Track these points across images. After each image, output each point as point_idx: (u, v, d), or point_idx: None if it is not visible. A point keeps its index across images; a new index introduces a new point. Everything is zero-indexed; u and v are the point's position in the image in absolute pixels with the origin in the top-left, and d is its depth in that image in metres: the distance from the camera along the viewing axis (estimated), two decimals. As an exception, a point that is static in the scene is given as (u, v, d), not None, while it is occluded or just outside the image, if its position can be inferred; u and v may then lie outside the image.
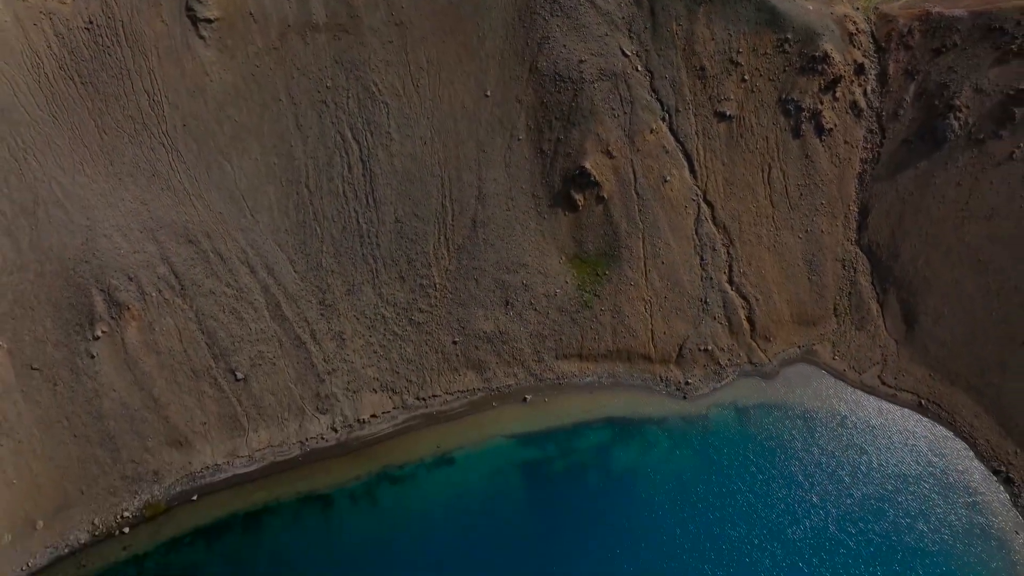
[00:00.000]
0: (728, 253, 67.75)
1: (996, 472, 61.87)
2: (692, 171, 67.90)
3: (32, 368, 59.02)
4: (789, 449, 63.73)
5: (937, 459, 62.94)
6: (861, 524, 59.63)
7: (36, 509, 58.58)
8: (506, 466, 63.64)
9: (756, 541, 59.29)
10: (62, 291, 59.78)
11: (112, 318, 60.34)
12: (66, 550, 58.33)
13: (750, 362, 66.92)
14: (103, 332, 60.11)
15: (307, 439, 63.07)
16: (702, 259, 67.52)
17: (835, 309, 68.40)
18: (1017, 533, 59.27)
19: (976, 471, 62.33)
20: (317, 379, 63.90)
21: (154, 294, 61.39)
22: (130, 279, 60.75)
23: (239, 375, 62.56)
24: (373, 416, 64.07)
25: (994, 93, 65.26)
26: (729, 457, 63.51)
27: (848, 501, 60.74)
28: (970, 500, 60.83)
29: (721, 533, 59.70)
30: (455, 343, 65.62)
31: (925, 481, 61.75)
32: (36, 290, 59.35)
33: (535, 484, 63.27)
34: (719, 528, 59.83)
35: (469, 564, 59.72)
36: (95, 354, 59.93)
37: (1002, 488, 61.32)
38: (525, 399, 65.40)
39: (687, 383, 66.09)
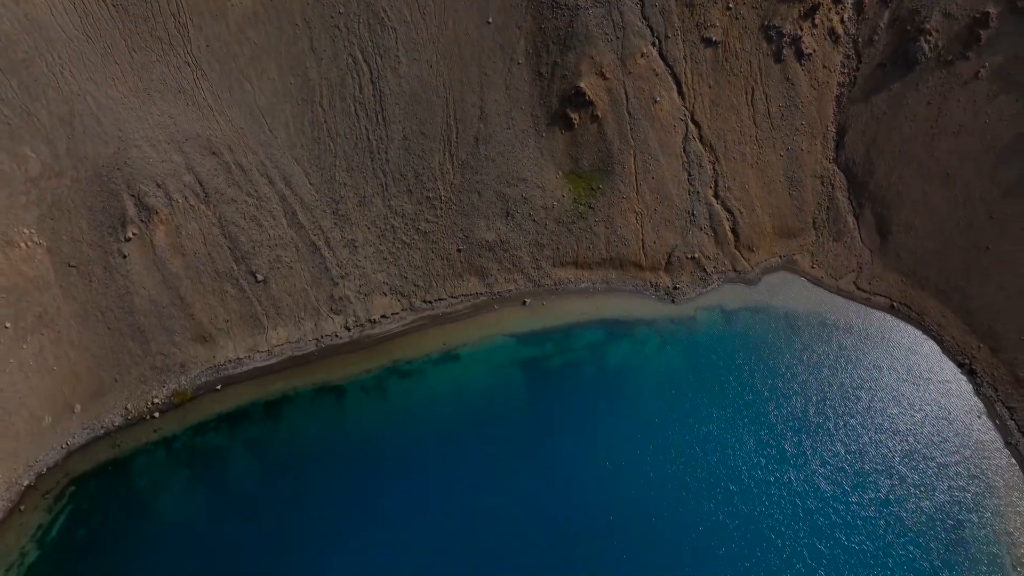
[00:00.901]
0: (714, 169, 72.46)
1: (961, 365, 66.63)
2: (680, 93, 72.59)
3: (70, 266, 63.91)
4: (772, 345, 68.49)
5: (908, 354, 67.68)
6: (839, 408, 64.42)
7: (74, 394, 63.47)
8: (507, 362, 68.38)
9: (742, 424, 64.06)
10: (96, 196, 64.61)
11: (142, 221, 65.16)
12: (101, 431, 63.26)
13: (734, 270, 71.66)
14: (134, 234, 64.95)
15: (322, 336, 67.89)
16: (689, 175, 72.23)
17: (814, 222, 73.12)
18: (979, 417, 64.11)
19: (943, 364, 67.08)
20: (331, 282, 68.69)
21: (180, 200, 66.19)
22: (158, 186, 65.55)
23: (259, 277, 67.36)
24: (383, 316, 68.88)
25: (961, 17, 69.92)
26: (715, 352, 68.25)
27: (827, 389, 65.52)
28: (937, 389, 65.65)
29: (708, 417, 64.45)
30: (459, 251, 70.38)
31: (897, 372, 66.53)
32: (72, 194, 64.21)
33: (534, 378, 67.95)
34: (707, 412, 64.60)
35: (472, 450, 64.41)
36: (127, 254, 64.76)
37: (965, 379, 66.11)
38: (524, 303, 70.16)
39: (675, 288, 70.84)
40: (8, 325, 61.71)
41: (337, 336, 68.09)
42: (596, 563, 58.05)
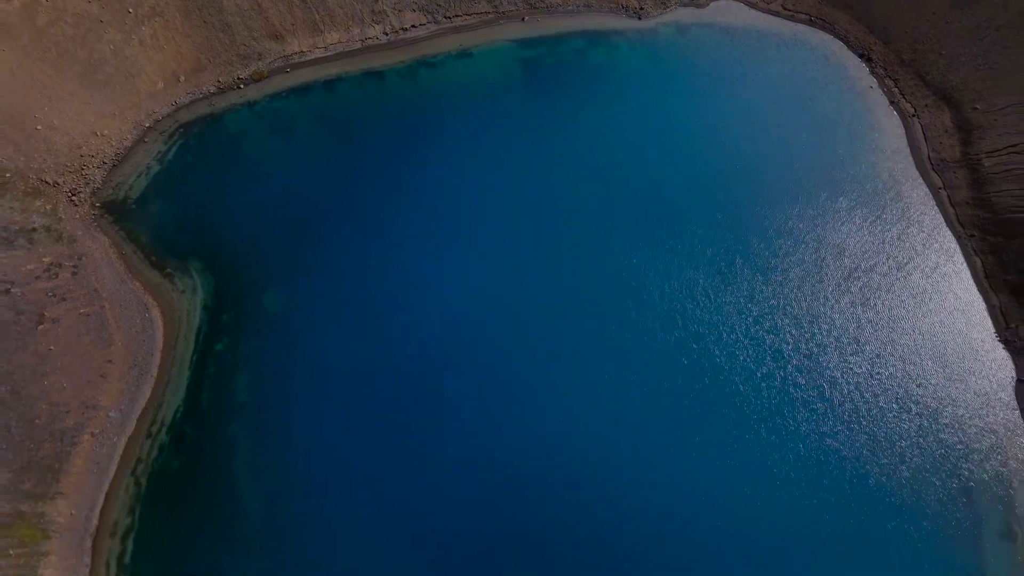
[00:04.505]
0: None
1: (861, 56, 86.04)
2: None
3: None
4: (715, 48, 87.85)
5: (822, 50, 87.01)
6: (769, 92, 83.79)
7: (179, 68, 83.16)
8: (510, 59, 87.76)
9: (687, 116, 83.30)
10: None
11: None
12: (200, 96, 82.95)
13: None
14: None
15: (366, 39, 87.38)
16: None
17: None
18: (871, 88, 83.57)
19: (848, 57, 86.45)
20: (372, 0, 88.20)
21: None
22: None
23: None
24: (413, 26, 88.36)
25: None
26: (672, 53, 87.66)
27: (757, 77, 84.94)
28: (842, 70, 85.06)
29: (664, 109, 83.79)
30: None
31: (814, 63, 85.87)
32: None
33: (531, 69, 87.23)
34: (663, 103, 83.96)
35: (482, 119, 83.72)
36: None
37: (864, 65, 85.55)
38: (523, 19, 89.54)
39: (641, 9, 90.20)
40: (131, 11, 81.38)
41: (377, 39, 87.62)
42: (570, 196, 77.83)
